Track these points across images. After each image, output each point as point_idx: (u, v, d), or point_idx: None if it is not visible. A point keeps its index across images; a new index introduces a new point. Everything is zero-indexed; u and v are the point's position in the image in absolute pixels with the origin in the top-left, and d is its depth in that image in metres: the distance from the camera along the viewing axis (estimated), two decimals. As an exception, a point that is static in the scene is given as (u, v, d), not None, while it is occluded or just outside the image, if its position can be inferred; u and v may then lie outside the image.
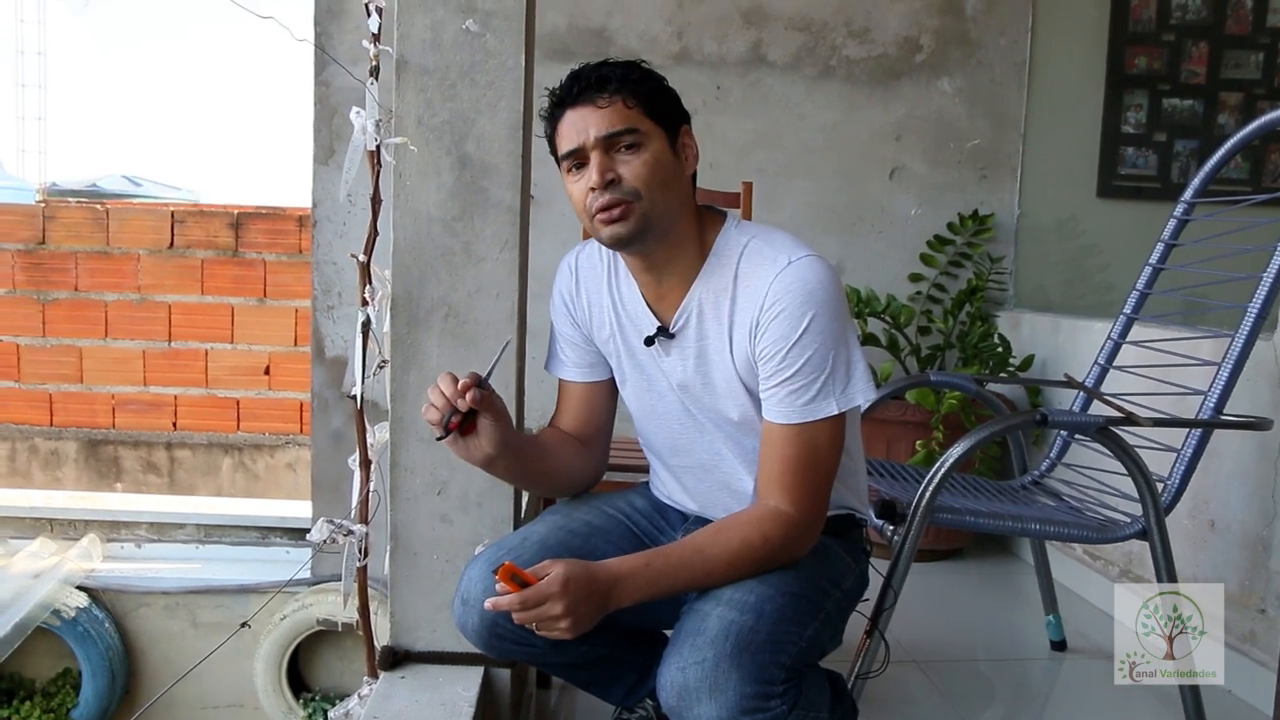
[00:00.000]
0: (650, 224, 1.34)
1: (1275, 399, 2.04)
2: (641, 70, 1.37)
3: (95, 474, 4.53)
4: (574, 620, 1.18)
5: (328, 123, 3.24)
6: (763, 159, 3.38)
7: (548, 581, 1.18)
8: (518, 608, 1.18)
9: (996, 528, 1.79)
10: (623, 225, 1.33)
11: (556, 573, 1.18)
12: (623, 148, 1.33)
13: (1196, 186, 2.13)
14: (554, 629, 1.19)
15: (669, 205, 1.36)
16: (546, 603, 1.17)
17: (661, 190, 1.34)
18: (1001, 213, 3.47)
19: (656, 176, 1.33)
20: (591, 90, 1.33)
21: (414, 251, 1.57)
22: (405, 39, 1.54)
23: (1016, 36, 3.45)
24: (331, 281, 3.31)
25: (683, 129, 1.40)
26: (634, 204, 1.32)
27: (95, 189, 5.66)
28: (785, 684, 1.21)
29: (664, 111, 1.37)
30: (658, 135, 1.35)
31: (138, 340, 4.52)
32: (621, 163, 1.33)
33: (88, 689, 3.27)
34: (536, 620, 1.19)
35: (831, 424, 1.34)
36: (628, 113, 1.33)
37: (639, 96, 1.34)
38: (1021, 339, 3.20)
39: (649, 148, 1.34)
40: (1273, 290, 1.79)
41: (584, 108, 1.33)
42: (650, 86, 1.37)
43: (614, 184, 1.32)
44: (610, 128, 1.32)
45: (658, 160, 1.34)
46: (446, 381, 1.30)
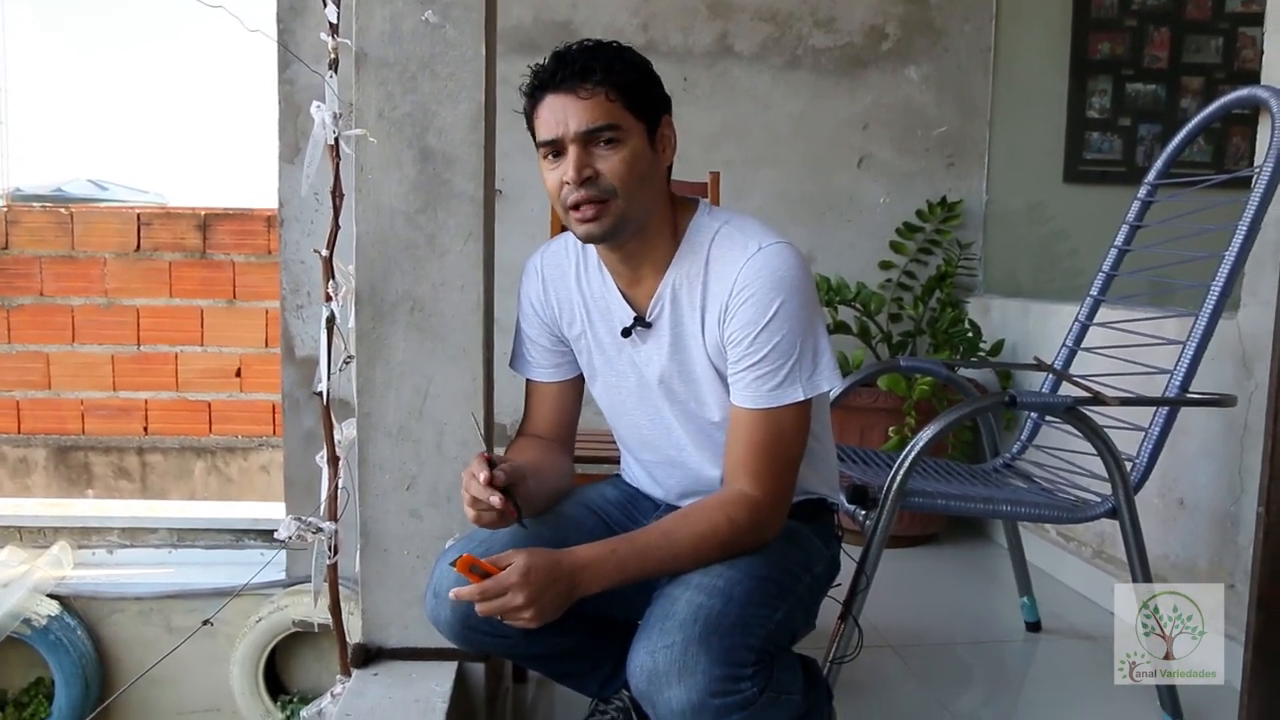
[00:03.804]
0: (625, 221, 1.33)
1: (1239, 376, 2.06)
2: (627, 59, 1.33)
3: (65, 480, 4.47)
4: (538, 609, 1.18)
5: (292, 121, 3.21)
6: (730, 149, 3.38)
7: (508, 572, 1.18)
8: (478, 598, 1.18)
9: (968, 510, 1.80)
10: (597, 224, 1.32)
11: (517, 563, 1.18)
12: (602, 142, 1.30)
13: (1159, 168, 2.14)
14: (518, 619, 1.18)
15: (645, 201, 1.35)
16: (508, 593, 1.17)
17: (638, 187, 1.33)
18: (970, 199, 3.48)
19: (634, 173, 1.31)
20: (574, 78, 1.30)
21: (377, 245, 1.56)
22: (364, 31, 1.53)
23: (981, 24, 3.47)
24: (300, 281, 3.28)
25: (663, 119, 1.37)
26: (610, 202, 1.31)
27: (60, 193, 5.58)
28: (755, 666, 1.21)
29: (646, 104, 1.34)
30: (638, 130, 1.32)
31: (106, 345, 4.45)
32: (600, 158, 1.30)
33: (61, 698, 3.22)
34: (499, 611, 1.18)
35: (798, 409, 1.35)
36: (609, 106, 1.30)
37: (622, 89, 1.31)
38: (991, 324, 3.22)
39: (628, 144, 1.31)
40: (1234, 269, 1.81)
41: (565, 96, 1.30)
42: (635, 78, 1.33)
43: (591, 181, 1.30)
44: (591, 123, 1.29)
45: (636, 157, 1.32)
46: (479, 489, 1.26)
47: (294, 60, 3.13)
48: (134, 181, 5.96)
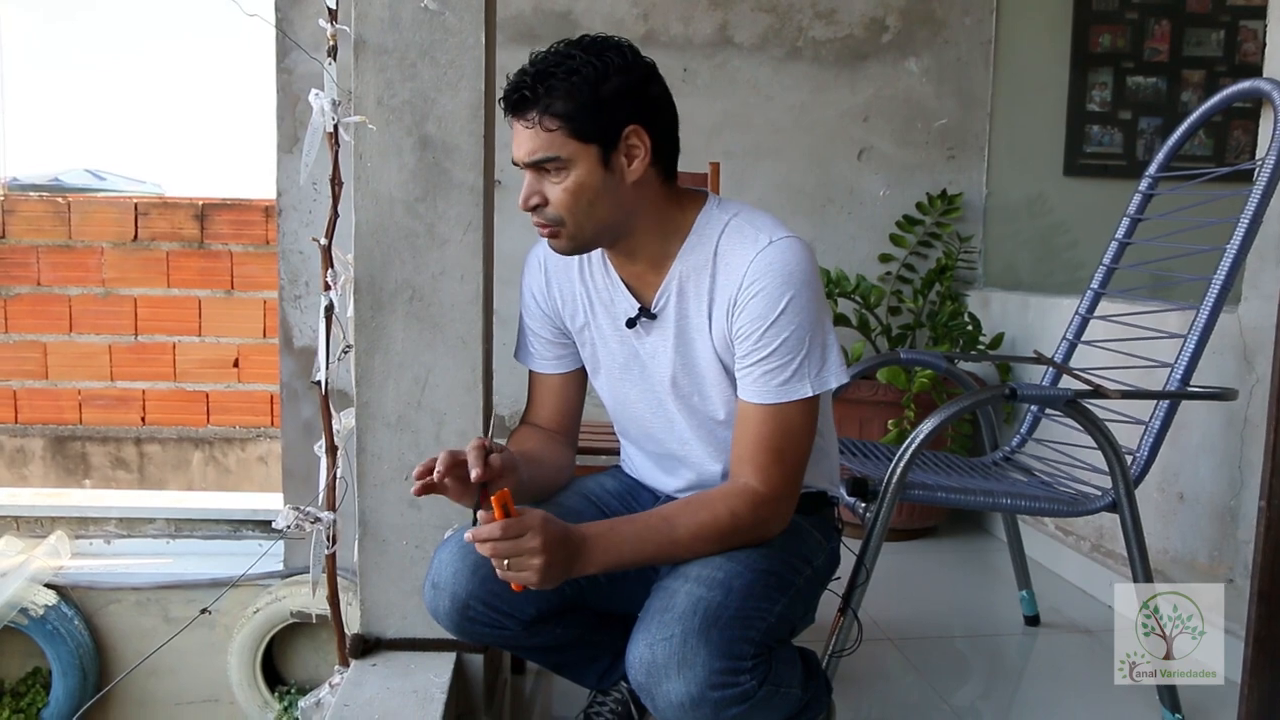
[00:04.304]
0: (582, 243, 1.36)
1: (1240, 370, 2.06)
2: (569, 82, 1.26)
3: (63, 470, 4.47)
4: (546, 562, 1.16)
5: (291, 111, 3.19)
6: (730, 140, 3.37)
7: (529, 515, 1.17)
8: (498, 535, 1.15)
9: (968, 503, 1.79)
10: (555, 243, 1.36)
11: (537, 512, 1.18)
12: (549, 168, 1.30)
13: (1161, 161, 2.14)
14: (525, 566, 1.16)
15: (602, 221, 1.34)
16: (526, 534, 1.15)
17: (587, 212, 1.32)
18: (970, 192, 3.47)
19: (579, 201, 1.31)
20: (514, 108, 1.30)
21: (376, 234, 1.55)
22: (363, 18, 1.51)
23: (982, 16, 3.45)
24: (298, 271, 3.27)
25: (624, 133, 1.30)
26: (560, 229, 1.33)
27: (57, 183, 5.55)
28: (754, 659, 1.20)
29: (592, 129, 1.28)
30: (584, 155, 1.29)
31: (103, 335, 4.44)
32: (549, 184, 1.31)
33: (58, 688, 3.22)
34: (512, 553, 1.16)
35: (806, 405, 1.34)
36: (549, 137, 1.28)
37: (563, 116, 1.27)
38: (991, 317, 3.22)
39: (572, 172, 1.29)
40: (1236, 262, 1.80)
41: (516, 121, 1.31)
42: (576, 104, 1.26)
43: (539, 208, 1.33)
44: (529, 155, 1.30)
45: (581, 185, 1.30)
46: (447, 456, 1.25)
47: (292, 49, 3.11)
48: (131, 172, 5.93)
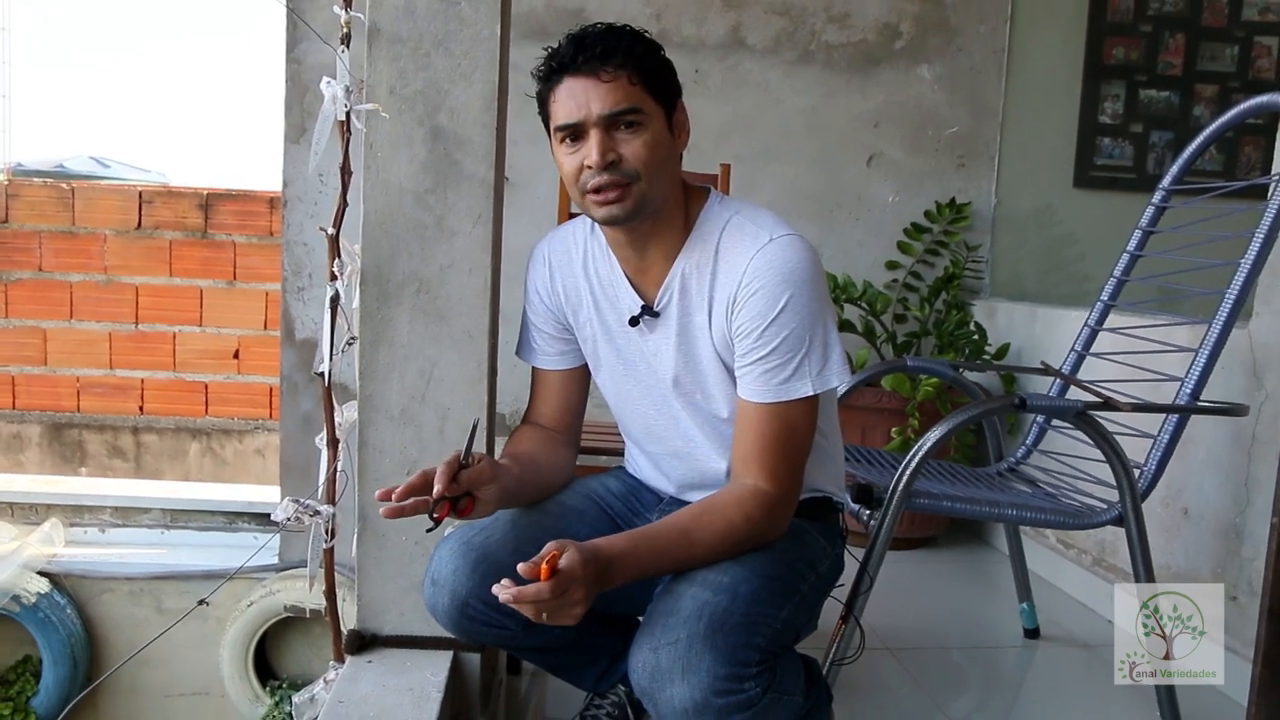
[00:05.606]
0: (646, 204, 1.32)
1: (1250, 386, 2.04)
2: (646, 42, 1.32)
3: (59, 458, 4.45)
4: (586, 604, 1.12)
5: (299, 101, 3.18)
6: (740, 143, 3.35)
7: (570, 564, 1.10)
8: (547, 596, 1.08)
9: (973, 513, 1.78)
10: (619, 206, 1.30)
11: (573, 556, 1.11)
12: (623, 126, 1.28)
13: (1175, 173, 2.12)
14: (568, 616, 1.11)
15: (664, 185, 1.33)
16: (570, 587, 1.09)
17: (659, 170, 1.31)
18: (979, 201, 3.46)
19: (656, 157, 1.30)
20: (596, 61, 1.27)
21: (384, 225, 1.53)
22: (378, 5, 1.50)
23: (996, 25, 3.44)
24: (302, 263, 3.25)
25: (678, 105, 1.36)
26: (633, 185, 1.29)
27: (62, 169, 5.54)
28: (759, 666, 1.19)
29: (664, 89, 1.32)
30: (657, 114, 1.31)
31: (104, 322, 4.43)
32: (622, 141, 1.28)
33: (48, 677, 3.19)
34: (556, 609, 1.10)
35: (807, 404, 1.33)
36: (631, 90, 1.28)
37: (644, 72, 1.29)
38: (997, 327, 3.20)
39: (649, 127, 1.30)
40: (1250, 277, 1.79)
41: (586, 79, 1.28)
42: (654, 61, 1.32)
43: (614, 165, 1.28)
44: (614, 106, 1.27)
45: (657, 140, 1.30)
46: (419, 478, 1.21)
47: (302, 39, 3.10)
48: (136, 160, 5.93)
